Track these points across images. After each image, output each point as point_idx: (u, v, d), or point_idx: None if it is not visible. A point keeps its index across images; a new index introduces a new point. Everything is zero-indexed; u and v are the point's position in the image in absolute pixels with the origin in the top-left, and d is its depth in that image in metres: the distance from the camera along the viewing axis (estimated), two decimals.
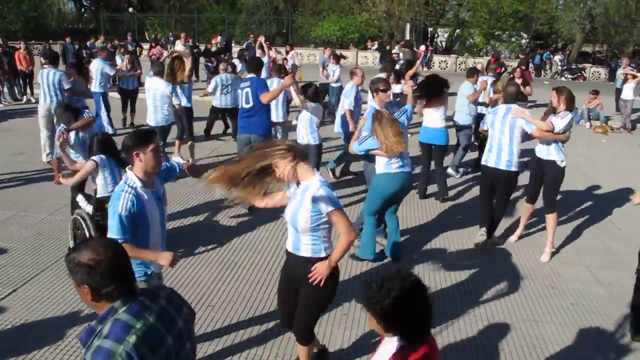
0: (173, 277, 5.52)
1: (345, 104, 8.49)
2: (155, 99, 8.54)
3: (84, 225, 5.45)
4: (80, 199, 5.82)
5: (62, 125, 6.38)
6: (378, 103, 5.98)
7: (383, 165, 5.71)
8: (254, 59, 7.91)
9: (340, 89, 13.16)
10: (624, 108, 14.98)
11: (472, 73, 9.67)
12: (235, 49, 20.98)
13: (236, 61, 13.94)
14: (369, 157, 6.57)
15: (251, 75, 7.33)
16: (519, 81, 11.28)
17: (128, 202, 3.34)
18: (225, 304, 5.06)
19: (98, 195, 5.54)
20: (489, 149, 6.33)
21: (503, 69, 18.55)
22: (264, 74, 13.71)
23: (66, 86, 9.06)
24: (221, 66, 11.24)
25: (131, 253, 3.35)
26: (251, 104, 7.16)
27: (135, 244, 3.36)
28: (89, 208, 5.63)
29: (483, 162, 6.46)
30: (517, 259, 6.32)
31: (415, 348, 2.28)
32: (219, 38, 23.96)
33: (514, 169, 6.22)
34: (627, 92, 14.76)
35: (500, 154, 6.21)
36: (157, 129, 8.60)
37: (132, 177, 3.45)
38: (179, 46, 18.17)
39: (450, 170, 9.31)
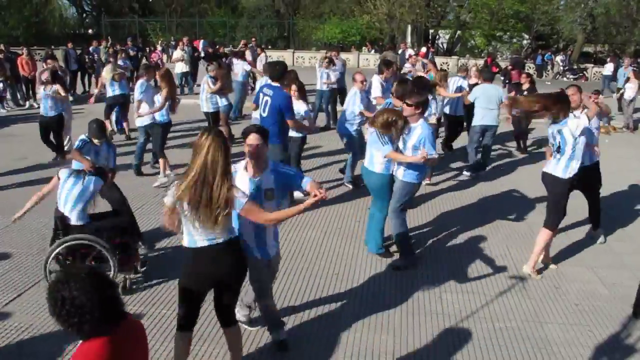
0: (175, 280, 5.51)
1: (351, 107, 8.34)
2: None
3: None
4: None
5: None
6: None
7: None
8: (278, 64, 7.25)
9: (332, 92, 13.08)
10: (626, 108, 14.98)
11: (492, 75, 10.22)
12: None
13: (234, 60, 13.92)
14: None
15: (275, 83, 6.88)
16: (526, 86, 11.20)
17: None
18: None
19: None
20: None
21: (498, 69, 18.58)
22: (241, 77, 13.68)
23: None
24: (209, 67, 11.23)
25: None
26: (266, 114, 6.80)
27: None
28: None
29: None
30: (520, 260, 6.31)
31: (88, 343, 2.26)
32: (200, 43, 23.74)
33: None
34: (629, 92, 14.75)
35: None
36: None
37: (241, 163, 3.98)
38: (178, 52, 18.23)
39: (465, 172, 9.61)
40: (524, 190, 8.79)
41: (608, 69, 21.23)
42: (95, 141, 5.96)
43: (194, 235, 3.49)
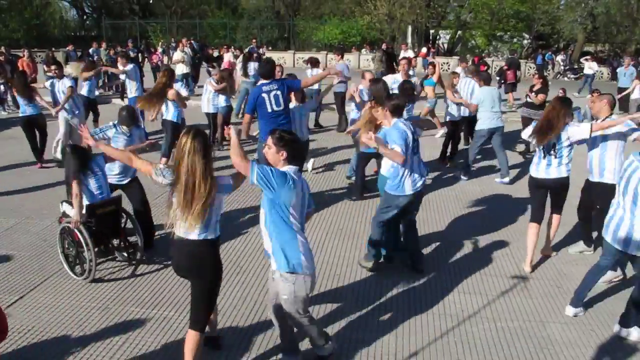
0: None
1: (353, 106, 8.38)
2: None
3: (77, 232, 5.41)
4: (66, 207, 5.82)
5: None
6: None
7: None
8: (267, 63, 7.35)
9: (318, 92, 13.10)
10: (634, 108, 14.70)
11: (489, 76, 10.06)
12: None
13: (239, 65, 13.82)
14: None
15: (269, 80, 7.03)
16: (538, 86, 11.14)
17: None
18: (231, 309, 5.06)
19: (86, 202, 5.56)
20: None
21: (486, 67, 18.61)
22: (253, 78, 13.60)
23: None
24: (212, 71, 11.22)
25: None
26: (282, 106, 6.98)
27: None
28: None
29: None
30: (522, 259, 6.30)
31: None
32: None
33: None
34: (637, 92, 14.51)
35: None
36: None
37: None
38: (178, 54, 18.22)
39: (500, 180, 9.34)
40: (525, 190, 8.77)
41: (589, 68, 21.36)
42: (125, 129, 6.29)
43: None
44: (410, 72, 10.78)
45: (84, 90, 11.35)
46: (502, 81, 17.25)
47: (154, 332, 4.68)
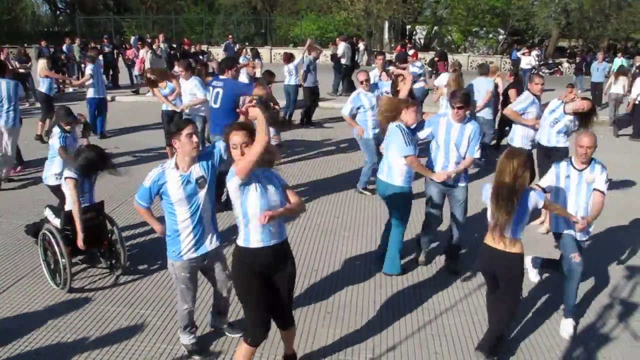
0: (152, 280, 5.48)
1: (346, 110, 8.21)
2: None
3: (52, 240, 5.25)
4: (48, 212, 5.62)
5: None
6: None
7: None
8: (228, 59, 7.69)
9: (295, 87, 13.11)
10: (611, 103, 14.63)
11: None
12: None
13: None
14: None
15: (224, 76, 7.04)
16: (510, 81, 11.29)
17: (154, 176, 3.91)
18: (206, 309, 5.02)
19: (67, 209, 5.39)
20: None
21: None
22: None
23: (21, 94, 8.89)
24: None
25: (145, 216, 4.14)
26: (218, 105, 6.97)
27: (165, 218, 4.03)
28: (57, 222, 5.42)
29: None
30: None
31: None
32: (132, 39, 23.64)
33: None
34: (616, 87, 14.46)
35: None
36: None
37: (171, 160, 3.99)
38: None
39: None
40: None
41: (527, 64, 21.96)
42: (67, 127, 6.12)
43: None
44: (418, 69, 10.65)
45: (44, 87, 11.21)
46: (434, 72, 17.48)
47: (131, 331, 4.63)
